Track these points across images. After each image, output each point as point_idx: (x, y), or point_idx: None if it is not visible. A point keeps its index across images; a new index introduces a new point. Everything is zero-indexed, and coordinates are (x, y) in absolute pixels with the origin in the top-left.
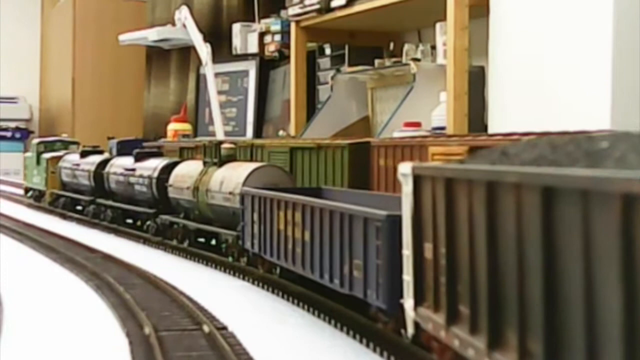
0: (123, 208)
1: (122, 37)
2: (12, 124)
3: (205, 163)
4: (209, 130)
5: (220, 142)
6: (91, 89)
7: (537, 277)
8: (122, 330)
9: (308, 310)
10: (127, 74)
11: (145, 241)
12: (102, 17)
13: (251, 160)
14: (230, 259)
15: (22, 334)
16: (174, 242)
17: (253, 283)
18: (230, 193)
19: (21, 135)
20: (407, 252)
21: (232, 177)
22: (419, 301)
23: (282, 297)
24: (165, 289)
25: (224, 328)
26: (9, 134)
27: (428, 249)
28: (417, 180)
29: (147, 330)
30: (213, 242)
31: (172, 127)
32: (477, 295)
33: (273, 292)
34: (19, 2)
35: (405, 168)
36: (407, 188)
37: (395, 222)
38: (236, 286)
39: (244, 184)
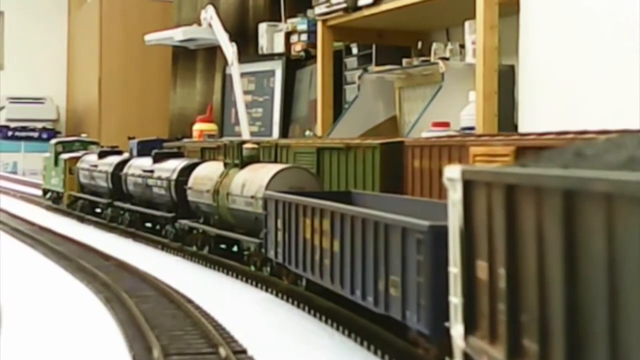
0: (141, 212)
1: (148, 37)
2: (39, 125)
3: (226, 164)
4: (235, 131)
5: (242, 142)
6: (117, 89)
7: (637, 311)
8: (129, 353)
9: (338, 329)
10: (153, 74)
11: (164, 247)
12: (129, 17)
13: (275, 161)
14: (252, 268)
15: (19, 354)
16: (194, 249)
17: (277, 295)
18: (252, 197)
19: (48, 135)
20: (455, 270)
21: (255, 179)
22: (470, 329)
23: (309, 312)
24: (180, 303)
25: (243, 352)
26: (35, 135)
27: (482, 268)
28: (468, 186)
29: (156, 353)
30: (235, 248)
31: (198, 127)
32: (549, 330)
33: (299, 306)
34: (46, 3)
35: (452, 172)
36: (455, 195)
37: (439, 234)
38: (258, 299)
39: (267, 187)
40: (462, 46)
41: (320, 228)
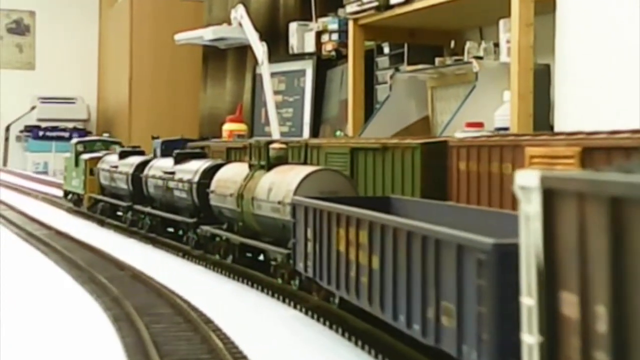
0: (162, 216)
1: (178, 37)
2: (70, 125)
3: (251, 166)
4: (265, 131)
5: (269, 142)
6: (148, 89)
7: None
8: None
9: (376, 357)
10: (183, 74)
11: (185, 254)
12: (159, 17)
13: (305, 163)
14: (279, 280)
15: None
16: (216, 257)
17: (306, 314)
18: (280, 202)
19: (79, 135)
20: (529, 301)
21: (282, 183)
22: None
23: (343, 335)
24: (197, 324)
25: None
26: (66, 135)
27: (569, 302)
28: (551, 196)
29: None
30: (261, 256)
31: (228, 127)
32: None
33: (331, 327)
34: (77, 3)
35: (527, 178)
36: (530, 207)
37: (507, 255)
38: (285, 317)
39: (295, 191)
40: (497, 45)
41: (357, 240)
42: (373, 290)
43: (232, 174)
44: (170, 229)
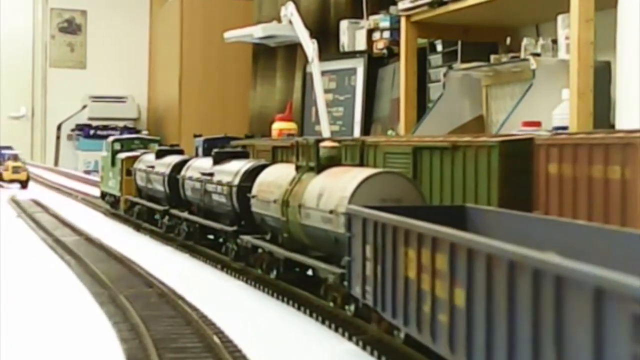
0: (199, 223)
1: (227, 35)
2: (121, 124)
3: (298, 168)
4: (315, 130)
5: (319, 140)
6: (198, 88)
7: None
8: None
9: None
10: (233, 72)
11: (224, 267)
12: (209, 15)
13: (361, 164)
14: (331, 304)
15: None
16: (259, 272)
17: (363, 348)
18: (332, 212)
19: (129, 134)
20: None
21: (335, 188)
22: None
23: None
24: None
25: None
26: (117, 134)
27: None
28: None
29: None
30: (310, 271)
31: (277, 126)
32: None
33: None
34: (128, 3)
35: None
36: None
37: None
38: (338, 353)
39: (351, 199)
40: (555, 41)
41: (432, 265)
42: (456, 334)
43: (277, 176)
44: (211, 236)
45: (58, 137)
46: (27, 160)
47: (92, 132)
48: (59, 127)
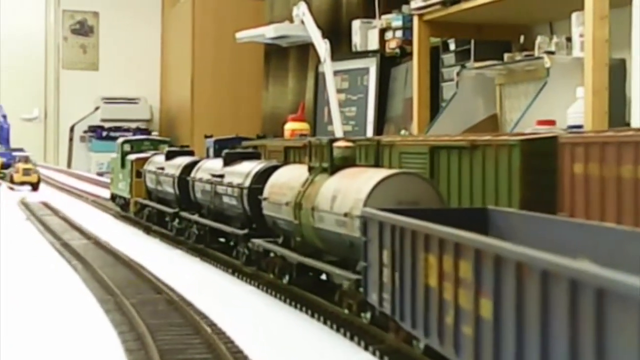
0: (210, 225)
1: (239, 35)
2: (133, 125)
3: (311, 169)
4: (327, 130)
5: (333, 140)
6: (210, 89)
7: None
8: None
9: None
10: (245, 73)
11: (235, 271)
12: (221, 16)
13: (377, 165)
14: (346, 311)
15: None
16: (270, 276)
17: (381, 358)
18: (346, 215)
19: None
20: None
21: (349, 190)
22: None
23: None
24: None
25: None
26: (129, 135)
27: None
28: None
29: None
30: (324, 276)
31: (289, 126)
32: None
33: None
34: (140, 4)
35: None
36: None
37: None
38: None
39: (366, 201)
40: (569, 39)
41: (455, 273)
42: (482, 348)
43: (289, 178)
44: (222, 239)
45: (71, 139)
46: (40, 162)
47: (104, 133)
48: (71, 129)
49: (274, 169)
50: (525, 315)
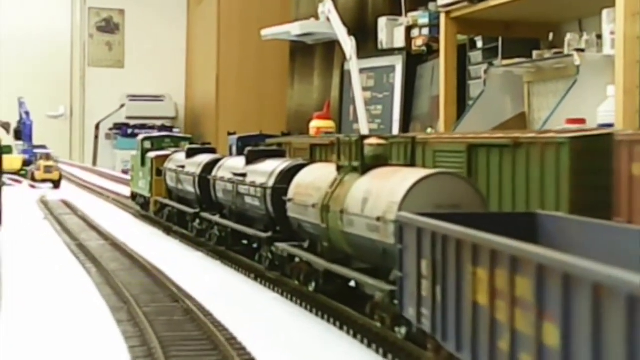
0: (231, 227)
1: (264, 32)
2: (158, 122)
3: (340, 168)
4: (353, 129)
5: (364, 137)
6: (235, 86)
7: None
8: None
9: None
10: (270, 71)
11: (257, 276)
12: (247, 14)
13: (412, 164)
14: (378, 324)
15: None
16: (296, 283)
17: None
18: (379, 219)
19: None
20: None
21: (382, 192)
22: None
23: None
24: None
25: None
26: (154, 132)
27: None
28: None
29: None
30: (352, 282)
31: (315, 124)
32: None
33: None
34: (165, 2)
35: None
36: None
37: None
38: None
39: (401, 204)
40: (599, 37)
41: (511, 291)
42: None
43: (316, 177)
44: (245, 241)
45: (96, 137)
46: (65, 159)
47: (129, 131)
48: (97, 127)
49: (299, 168)
50: (605, 346)
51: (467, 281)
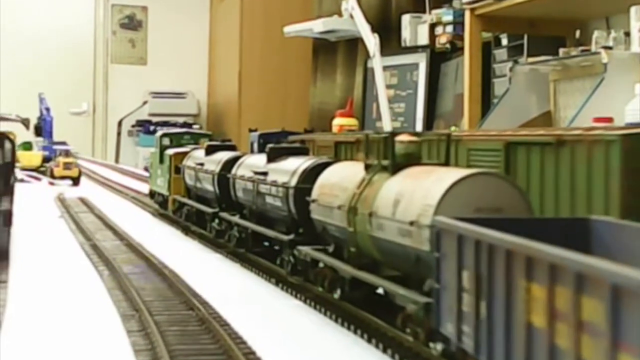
0: (251, 228)
1: (287, 29)
2: (180, 119)
3: (368, 167)
4: (376, 127)
5: (394, 134)
6: (257, 83)
7: None
8: None
9: None
10: (293, 67)
11: (279, 282)
12: (269, 11)
13: (446, 163)
14: (410, 338)
15: None
16: (319, 289)
17: None
18: (412, 223)
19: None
20: None
21: (416, 193)
22: None
23: None
24: None
25: None
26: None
27: None
28: None
29: None
30: (381, 290)
31: (337, 122)
32: None
33: None
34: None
35: None
36: None
37: None
38: None
39: (438, 208)
40: (627, 34)
41: (577, 313)
42: None
43: (342, 177)
44: (266, 242)
45: (119, 133)
46: (87, 156)
47: (152, 128)
48: (119, 123)
49: (324, 166)
50: None
51: (520, 298)
